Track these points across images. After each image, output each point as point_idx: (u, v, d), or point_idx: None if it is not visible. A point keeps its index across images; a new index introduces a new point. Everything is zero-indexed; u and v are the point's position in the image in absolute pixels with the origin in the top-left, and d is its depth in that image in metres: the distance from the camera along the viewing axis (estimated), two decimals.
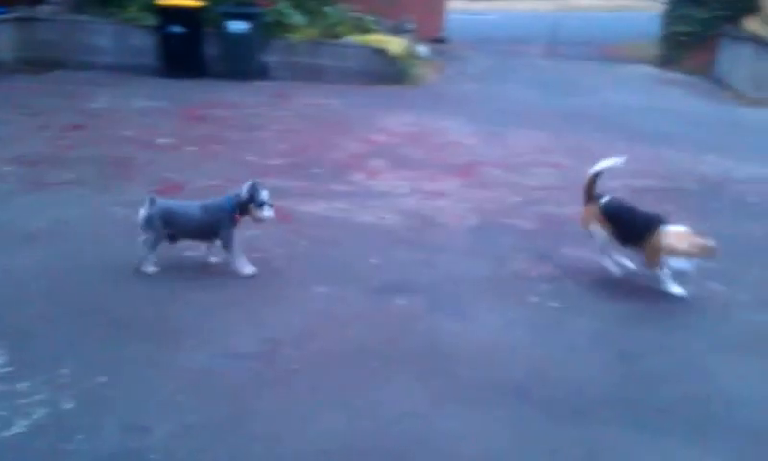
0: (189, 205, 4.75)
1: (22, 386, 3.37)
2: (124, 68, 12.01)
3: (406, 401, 3.46)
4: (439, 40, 16.93)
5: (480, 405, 3.47)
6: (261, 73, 12.16)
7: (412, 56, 13.45)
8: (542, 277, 4.96)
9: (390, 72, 12.39)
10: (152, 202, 4.55)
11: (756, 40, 13.66)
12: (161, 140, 7.90)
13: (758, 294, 4.95)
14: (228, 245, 4.64)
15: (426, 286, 4.73)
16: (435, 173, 7.33)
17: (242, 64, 11.98)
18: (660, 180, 7.67)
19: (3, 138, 7.75)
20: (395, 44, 12.54)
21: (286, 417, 3.29)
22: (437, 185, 6.91)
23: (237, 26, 11.83)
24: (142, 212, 4.56)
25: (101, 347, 3.78)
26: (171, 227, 4.61)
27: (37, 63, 11.83)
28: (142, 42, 12.15)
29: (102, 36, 12.26)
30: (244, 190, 4.54)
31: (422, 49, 14.79)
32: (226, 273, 4.68)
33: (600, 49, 17.22)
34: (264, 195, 4.56)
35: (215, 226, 4.60)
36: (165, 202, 4.68)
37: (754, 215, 6.61)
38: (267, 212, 4.58)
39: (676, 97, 13.58)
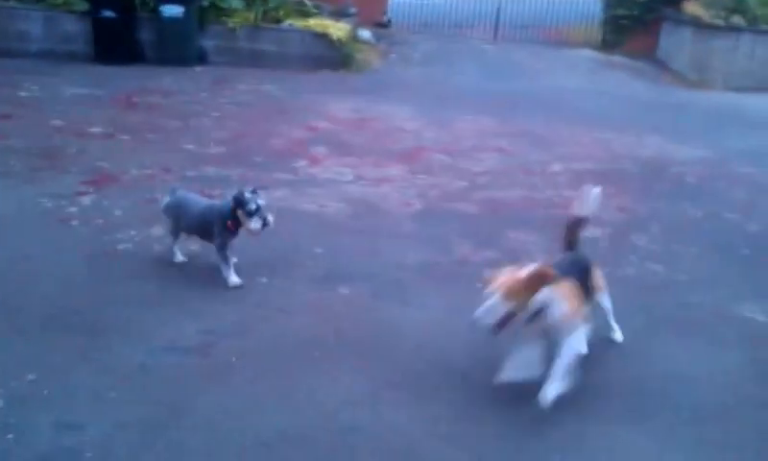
0: (199, 201, 4.55)
1: None
2: (54, 55, 11.54)
3: (348, 391, 3.39)
4: (382, 24, 16.77)
5: (423, 392, 3.42)
6: (199, 59, 11.85)
7: (354, 40, 13.32)
8: (487, 262, 4.91)
9: (332, 57, 12.22)
10: (172, 191, 4.52)
11: (695, 24, 13.91)
12: (94, 129, 7.60)
13: (696, 275, 5.02)
14: (218, 249, 4.34)
15: (370, 274, 4.66)
16: (379, 159, 7.24)
17: (178, 50, 11.63)
18: (601, 162, 7.75)
19: None
20: (337, 29, 12.37)
21: (225, 410, 3.19)
22: (381, 172, 6.83)
23: (172, 10, 11.46)
24: (164, 200, 4.55)
25: (31, 343, 3.60)
26: (179, 218, 4.46)
27: None
28: (73, 28, 11.70)
29: (30, 22, 11.75)
30: (231, 195, 4.24)
31: (365, 33, 14.65)
32: (163, 266, 4.52)
33: (544, 32, 17.28)
34: (253, 204, 4.13)
35: (210, 227, 4.32)
36: (182, 193, 4.56)
37: (692, 196, 6.72)
38: (254, 224, 4.14)
39: (618, 80, 13.74)
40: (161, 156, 6.83)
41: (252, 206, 4.12)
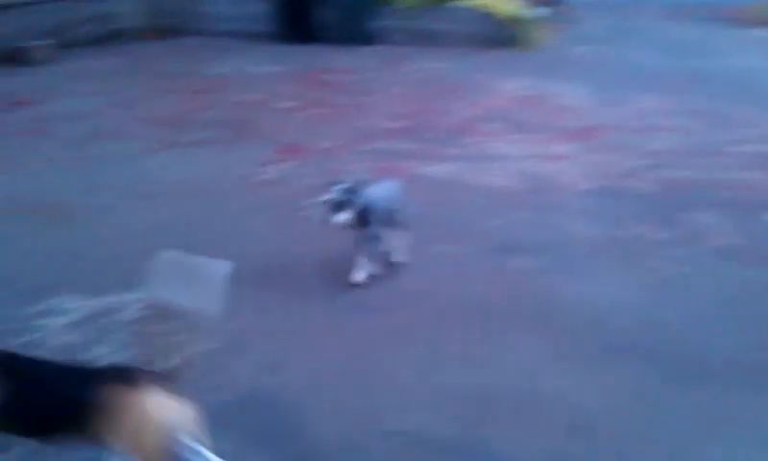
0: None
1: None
2: (241, 34, 12.41)
3: (523, 357, 3.51)
4: (553, 2, 16.48)
5: (598, 365, 3.47)
6: (373, 38, 12.25)
7: (526, 18, 13.19)
8: (665, 241, 4.84)
9: (503, 35, 12.20)
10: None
11: None
12: (282, 104, 8.16)
13: None
14: None
15: (543, 247, 4.72)
16: (552, 136, 7.22)
17: (354, 30, 12.10)
18: None
19: (135, 100, 8.26)
20: (508, 6, 12.32)
21: (410, 366, 3.42)
22: (555, 149, 6.82)
23: None
24: None
25: (235, 295, 3.97)
26: None
27: (162, 31, 12.41)
28: (256, 9, 12.51)
29: (217, 3, 12.77)
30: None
31: (537, 10, 14.43)
32: (348, 234, 4.76)
33: (724, 11, 16.31)
34: (322, 197, 4.00)
35: None
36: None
37: None
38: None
39: None
40: (341, 129, 7.23)
41: (320, 198, 4.03)
